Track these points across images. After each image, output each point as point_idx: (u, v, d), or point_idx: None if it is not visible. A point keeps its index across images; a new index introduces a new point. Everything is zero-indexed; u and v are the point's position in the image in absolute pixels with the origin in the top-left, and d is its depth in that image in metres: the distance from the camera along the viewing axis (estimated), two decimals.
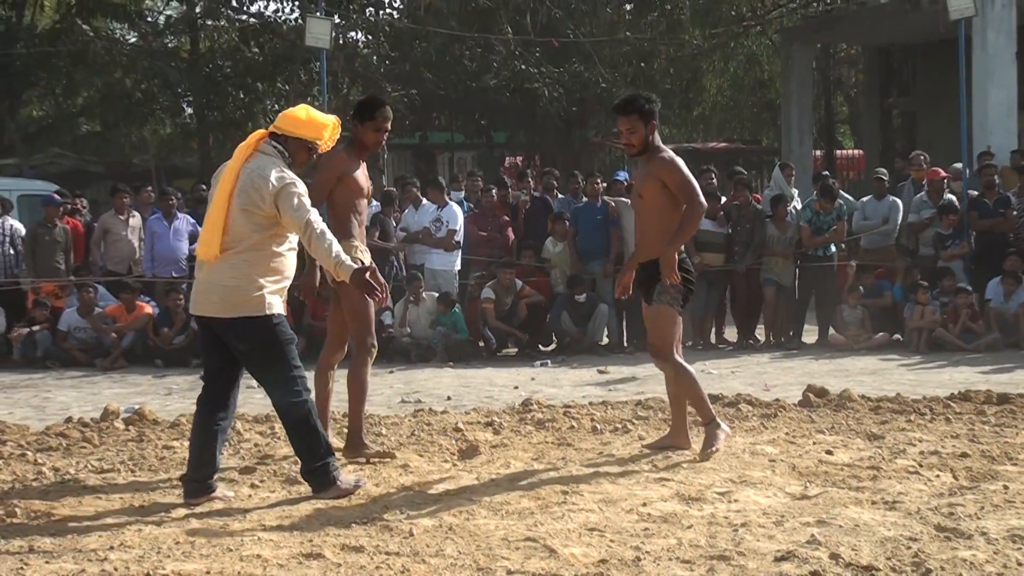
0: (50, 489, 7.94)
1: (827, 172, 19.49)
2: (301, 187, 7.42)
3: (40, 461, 8.83)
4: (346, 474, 7.76)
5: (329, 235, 7.40)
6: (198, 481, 7.61)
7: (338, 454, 8.31)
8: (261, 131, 7.74)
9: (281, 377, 7.56)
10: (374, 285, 7.38)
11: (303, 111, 7.74)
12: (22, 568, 5.94)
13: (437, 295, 16.08)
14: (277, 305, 7.49)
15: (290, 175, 7.44)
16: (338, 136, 7.89)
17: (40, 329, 16.09)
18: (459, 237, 16.77)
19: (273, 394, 7.65)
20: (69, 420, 10.63)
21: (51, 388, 13.85)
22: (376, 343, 8.88)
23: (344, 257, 7.39)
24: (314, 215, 7.38)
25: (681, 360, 8.68)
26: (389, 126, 8.68)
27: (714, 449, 8.37)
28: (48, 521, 7.04)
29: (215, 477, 7.69)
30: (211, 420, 7.68)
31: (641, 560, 5.93)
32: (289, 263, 7.60)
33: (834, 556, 5.91)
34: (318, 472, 7.57)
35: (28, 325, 16.20)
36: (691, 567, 5.84)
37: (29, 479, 8.22)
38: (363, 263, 7.87)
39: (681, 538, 6.35)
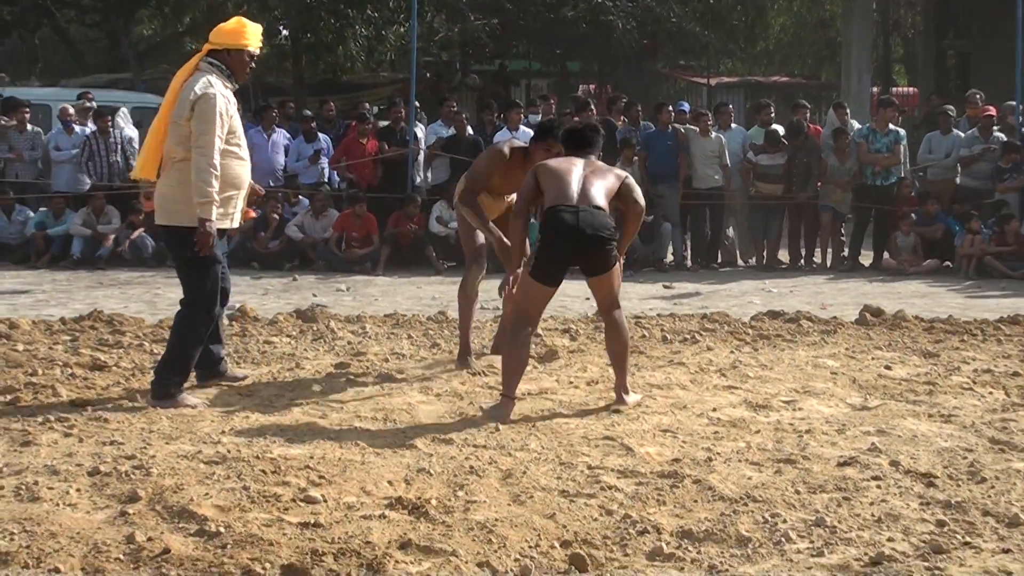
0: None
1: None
2: (221, 103, 7.25)
3: (156, 351, 8.85)
4: (190, 395, 7.40)
5: (215, 173, 7.19)
6: (201, 368, 7.70)
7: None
8: (200, 52, 7.57)
9: (193, 290, 7.45)
10: (208, 242, 7.19)
11: (236, 22, 7.64)
12: (145, 447, 6.03)
13: None
14: (212, 217, 7.24)
15: (216, 89, 7.28)
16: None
17: (140, 232, 16.19)
18: None
19: (183, 301, 7.54)
20: None
21: (160, 285, 13.92)
22: (484, 263, 8.68)
23: (214, 198, 7.17)
24: (209, 139, 7.18)
25: None
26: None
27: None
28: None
29: (220, 363, 7.86)
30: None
31: (712, 460, 5.93)
32: (230, 174, 7.40)
33: (894, 463, 5.89)
34: (159, 382, 7.34)
35: (129, 229, 16.31)
36: (760, 468, 5.83)
37: (147, 367, 8.27)
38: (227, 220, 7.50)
39: (749, 442, 6.33)
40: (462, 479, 5.56)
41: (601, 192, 7.21)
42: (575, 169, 7.28)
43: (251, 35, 7.56)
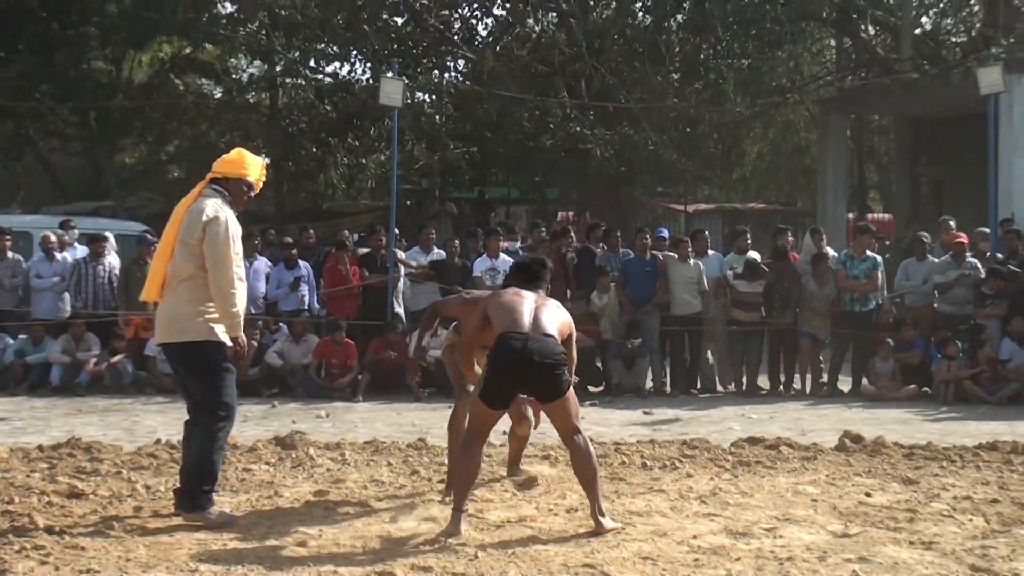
0: (142, 504, 7.99)
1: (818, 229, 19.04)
2: (234, 228, 7.59)
3: (133, 479, 8.94)
4: (220, 508, 7.59)
5: (238, 290, 7.53)
6: (184, 493, 7.64)
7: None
8: (204, 180, 7.86)
9: (211, 401, 7.58)
10: (244, 353, 7.73)
11: (237, 154, 7.95)
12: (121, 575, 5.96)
13: None
14: (220, 333, 7.53)
15: (226, 213, 7.59)
16: (263, 178, 8.01)
17: (121, 358, 16.17)
18: None
19: (199, 414, 7.64)
20: (158, 442, 10.67)
21: (139, 413, 13.91)
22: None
23: (240, 316, 7.55)
24: (227, 260, 7.46)
25: None
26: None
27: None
28: (142, 533, 7.09)
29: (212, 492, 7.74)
30: (191, 439, 7.72)
31: None
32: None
33: None
34: (190, 494, 7.50)
35: (111, 355, 16.29)
36: None
37: (124, 495, 8.30)
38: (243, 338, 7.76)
39: (730, 569, 6.30)
40: None
41: (553, 322, 7.37)
42: (526, 301, 7.45)
43: (251, 167, 7.87)
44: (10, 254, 17.37)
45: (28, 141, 30.95)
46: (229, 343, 7.66)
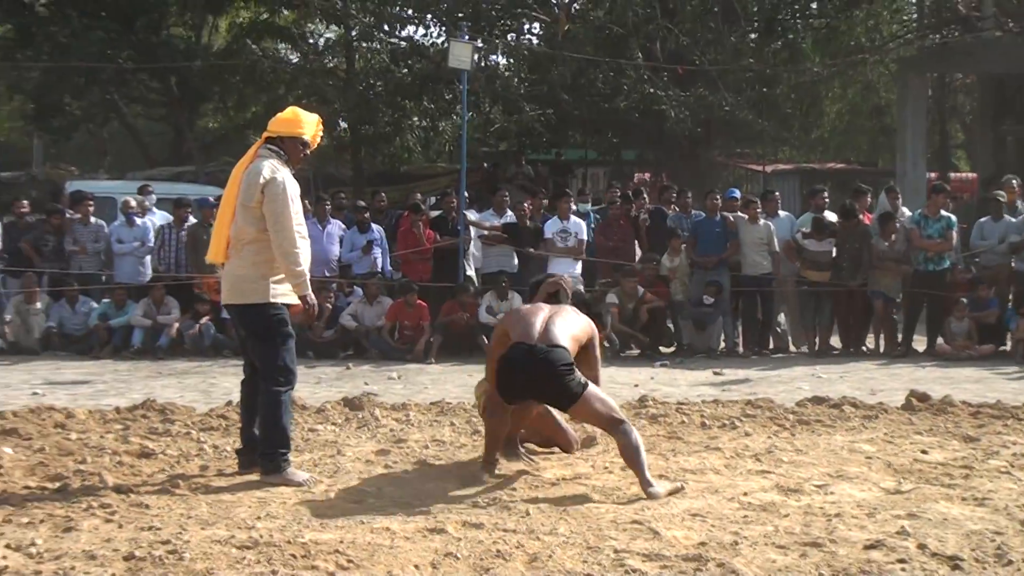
0: (209, 464, 8.18)
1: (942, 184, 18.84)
2: (291, 188, 7.64)
3: (202, 439, 9.13)
4: (296, 469, 7.74)
5: (301, 249, 7.60)
6: (247, 455, 7.87)
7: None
8: (259, 140, 7.93)
9: (272, 366, 7.71)
10: (313, 313, 7.81)
11: (291, 112, 7.97)
12: (181, 532, 6.13)
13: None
14: (283, 295, 7.66)
15: (283, 174, 7.63)
16: (320, 134, 8.05)
17: (205, 322, 16.44)
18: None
19: (262, 378, 7.78)
20: (229, 403, 10.84)
21: (216, 375, 14.16)
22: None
23: (306, 274, 7.66)
24: (287, 220, 7.54)
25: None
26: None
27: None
28: (205, 492, 7.26)
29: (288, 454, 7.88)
30: (253, 400, 7.91)
31: (738, 544, 5.95)
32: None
33: (921, 546, 5.88)
34: (267, 457, 7.66)
35: (193, 319, 16.56)
36: (785, 551, 5.84)
37: (192, 454, 8.50)
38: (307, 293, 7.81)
39: (778, 525, 6.35)
40: (488, 563, 5.62)
41: (565, 332, 7.46)
42: (541, 312, 7.61)
43: (306, 125, 7.88)
44: (93, 219, 17.71)
45: (113, 107, 31.39)
46: (298, 303, 7.79)
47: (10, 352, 16.51)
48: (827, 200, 17.77)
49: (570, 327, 7.55)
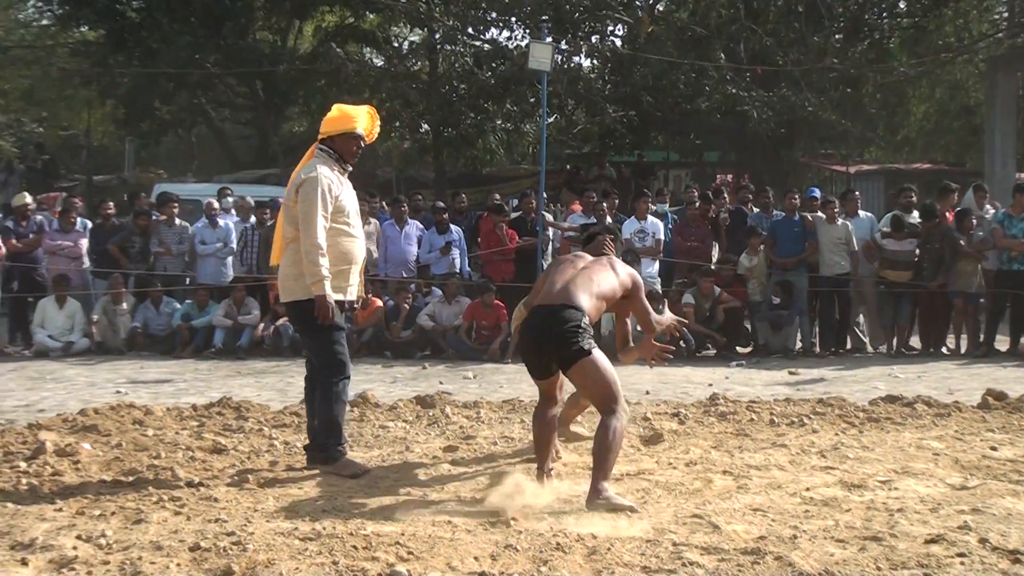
0: (278, 459, 8.32)
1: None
2: (325, 184, 7.69)
3: (274, 436, 9.28)
4: (352, 459, 7.94)
5: (321, 250, 7.64)
6: (316, 450, 7.96)
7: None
8: (314, 144, 8.03)
9: (323, 359, 7.87)
10: (327, 312, 7.69)
11: (336, 110, 8.05)
12: (246, 524, 6.25)
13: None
14: (329, 292, 7.71)
15: (323, 173, 7.72)
16: (377, 121, 8.11)
17: (283, 322, 16.63)
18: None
19: (316, 374, 7.98)
20: (303, 401, 10.98)
21: (294, 374, 14.28)
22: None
23: (325, 274, 7.65)
24: (312, 220, 7.61)
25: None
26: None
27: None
28: (273, 486, 7.40)
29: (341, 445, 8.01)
30: (313, 397, 8.08)
31: (797, 538, 5.94)
32: (341, 250, 7.83)
33: (983, 540, 5.85)
34: (320, 448, 7.86)
35: (273, 320, 16.76)
36: (844, 545, 5.83)
37: (263, 450, 8.65)
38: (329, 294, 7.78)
39: (838, 520, 6.34)
40: (547, 555, 5.65)
41: (588, 291, 7.29)
42: (571, 269, 7.50)
43: (356, 118, 7.99)
44: (177, 221, 17.98)
45: (201, 111, 31.85)
46: (350, 298, 7.97)
47: (97, 352, 16.81)
48: (913, 199, 17.58)
49: (598, 285, 7.39)
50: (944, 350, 16.58)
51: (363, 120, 8.02)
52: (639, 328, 8.20)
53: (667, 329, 8.31)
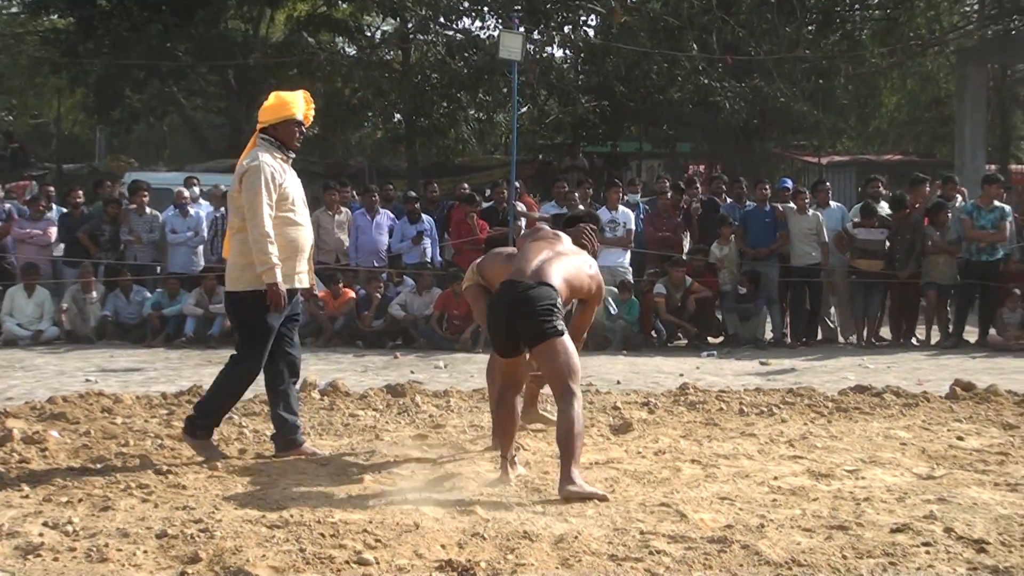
0: (247, 447, 8.31)
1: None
2: (268, 172, 7.65)
3: (244, 424, 9.26)
4: (212, 447, 7.94)
5: (269, 238, 7.60)
6: (279, 438, 8.00)
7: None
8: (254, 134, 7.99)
9: (245, 353, 7.91)
10: (279, 301, 7.65)
11: (275, 98, 7.99)
12: (214, 512, 6.24)
13: (616, 286, 16.07)
14: (277, 280, 7.67)
15: (266, 161, 7.69)
16: (312, 104, 8.07)
17: None
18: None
19: (233, 358, 8.00)
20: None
21: None
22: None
23: (275, 262, 7.61)
24: (258, 209, 7.57)
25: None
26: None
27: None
28: (241, 474, 7.40)
29: (298, 434, 8.05)
30: (275, 383, 8.06)
31: (764, 527, 5.96)
32: (287, 239, 7.80)
33: (948, 530, 5.88)
34: (190, 420, 7.91)
35: None
36: (811, 534, 5.85)
37: (232, 438, 8.62)
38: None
39: (805, 509, 6.37)
40: (514, 543, 5.66)
41: (560, 273, 7.20)
42: (547, 249, 7.39)
43: (292, 105, 7.94)
44: (148, 210, 17.92)
45: (172, 100, 31.73)
46: (300, 286, 7.98)
47: (66, 340, 16.75)
48: (881, 189, 17.67)
49: (571, 273, 7.30)
50: (914, 341, 16.64)
51: (300, 105, 7.98)
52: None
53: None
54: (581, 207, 16.25)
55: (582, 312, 7.85)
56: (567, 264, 7.31)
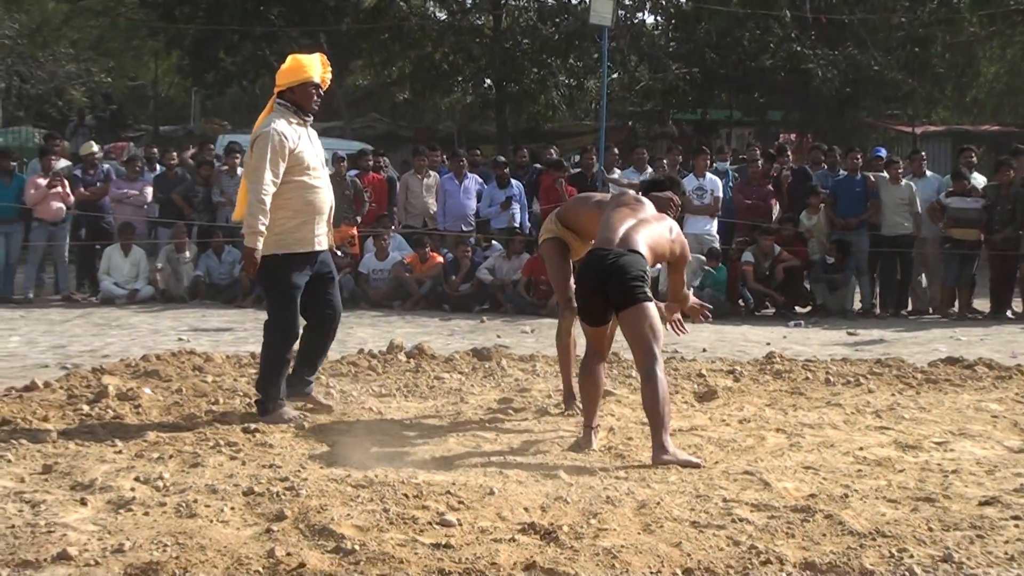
0: (335, 407, 8.36)
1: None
2: (276, 140, 7.65)
3: (330, 384, 9.31)
4: (289, 409, 7.95)
5: (263, 206, 7.60)
6: (292, 385, 8.13)
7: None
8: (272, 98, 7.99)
9: (273, 317, 7.97)
10: (252, 266, 7.73)
11: (292, 60, 7.99)
12: (300, 471, 6.32)
13: (704, 254, 16.00)
14: (287, 245, 7.79)
15: (277, 128, 7.69)
16: (329, 67, 8.07)
17: (344, 274, 16.68)
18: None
19: (265, 327, 8.02)
20: (361, 351, 11.06)
21: (353, 325, 14.34)
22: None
23: (260, 228, 7.61)
24: (259, 173, 7.60)
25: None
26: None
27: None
28: (328, 434, 7.46)
29: (310, 384, 8.28)
30: (308, 345, 8.25)
31: (848, 497, 5.91)
32: (303, 201, 7.83)
33: None
34: (260, 401, 7.94)
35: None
36: (896, 506, 5.79)
37: (320, 399, 8.64)
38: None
39: (891, 480, 6.29)
40: (597, 507, 5.65)
41: (645, 240, 7.18)
42: (628, 217, 7.33)
43: (309, 67, 7.95)
44: (240, 170, 18.05)
45: (264, 63, 31.94)
46: (318, 248, 7.99)
47: (160, 300, 16.98)
48: (974, 160, 17.37)
49: (655, 240, 7.27)
50: (1009, 314, 16.31)
51: (317, 68, 7.99)
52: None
53: (691, 311, 8.17)
54: (662, 173, 16.19)
55: (672, 277, 7.82)
56: (651, 231, 7.27)
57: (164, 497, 5.74)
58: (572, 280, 8.03)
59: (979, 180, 17.11)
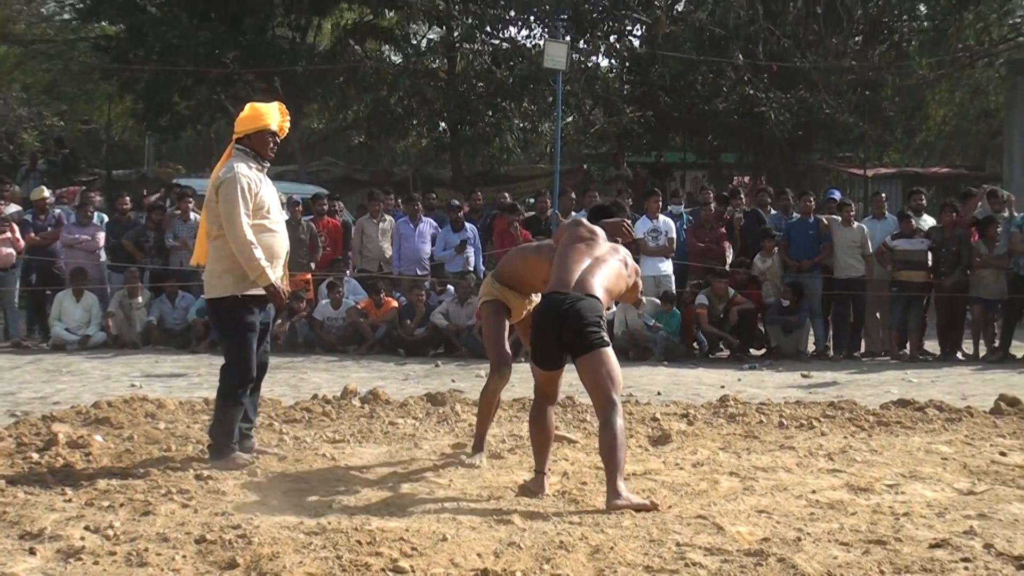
0: (288, 455, 8.33)
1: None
2: (244, 183, 7.74)
3: (284, 431, 9.30)
4: (242, 455, 7.94)
5: (252, 244, 7.71)
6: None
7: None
8: (230, 144, 8.10)
9: (230, 359, 8.00)
10: (281, 298, 7.90)
11: (250, 109, 8.09)
12: (252, 518, 6.28)
13: (659, 297, 16.07)
14: (246, 287, 7.84)
15: (241, 172, 7.78)
16: (287, 116, 8.15)
17: (298, 318, 16.66)
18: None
19: (221, 371, 8.06)
20: (315, 397, 11.06)
21: (307, 370, 14.37)
22: (508, 363, 8.14)
23: (264, 265, 7.74)
24: (236, 217, 7.67)
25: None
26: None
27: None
28: (281, 481, 7.43)
29: (251, 439, 8.28)
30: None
31: (801, 540, 5.95)
32: (262, 245, 7.84)
33: (987, 546, 5.85)
34: (212, 446, 7.98)
35: (288, 316, 16.74)
36: (848, 548, 5.83)
37: (272, 445, 8.66)
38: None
39: (843, 523, 6.34)
40: (550, 553, 5.67)
41: (601, 281, 7.17)
42: (587, 257, 7.30)
43: (267, 115, 8.05)
44: (193, 215, 18.01)
45: (219, 107, 31.96)
46: (272, 291, 7.95)
47: (113, 345, 16.87)
48: (923, 202, 17.58)
49: (611, 280, 7.27)
50: (960, 355, 16.47)
51: (275, 116, 8.08)
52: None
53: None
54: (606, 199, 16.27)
55: (626, 296, 7.83)
56: (606, 272, 7.27)
57: (114, 546, 5.72)
58: (508, 343, 8.15)
59: (929, 221, 17.29)
